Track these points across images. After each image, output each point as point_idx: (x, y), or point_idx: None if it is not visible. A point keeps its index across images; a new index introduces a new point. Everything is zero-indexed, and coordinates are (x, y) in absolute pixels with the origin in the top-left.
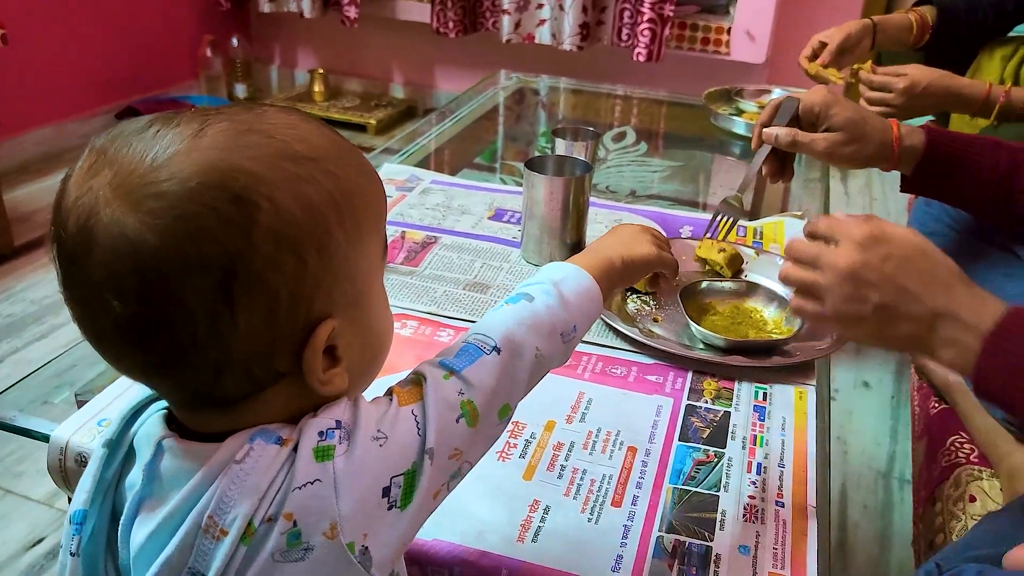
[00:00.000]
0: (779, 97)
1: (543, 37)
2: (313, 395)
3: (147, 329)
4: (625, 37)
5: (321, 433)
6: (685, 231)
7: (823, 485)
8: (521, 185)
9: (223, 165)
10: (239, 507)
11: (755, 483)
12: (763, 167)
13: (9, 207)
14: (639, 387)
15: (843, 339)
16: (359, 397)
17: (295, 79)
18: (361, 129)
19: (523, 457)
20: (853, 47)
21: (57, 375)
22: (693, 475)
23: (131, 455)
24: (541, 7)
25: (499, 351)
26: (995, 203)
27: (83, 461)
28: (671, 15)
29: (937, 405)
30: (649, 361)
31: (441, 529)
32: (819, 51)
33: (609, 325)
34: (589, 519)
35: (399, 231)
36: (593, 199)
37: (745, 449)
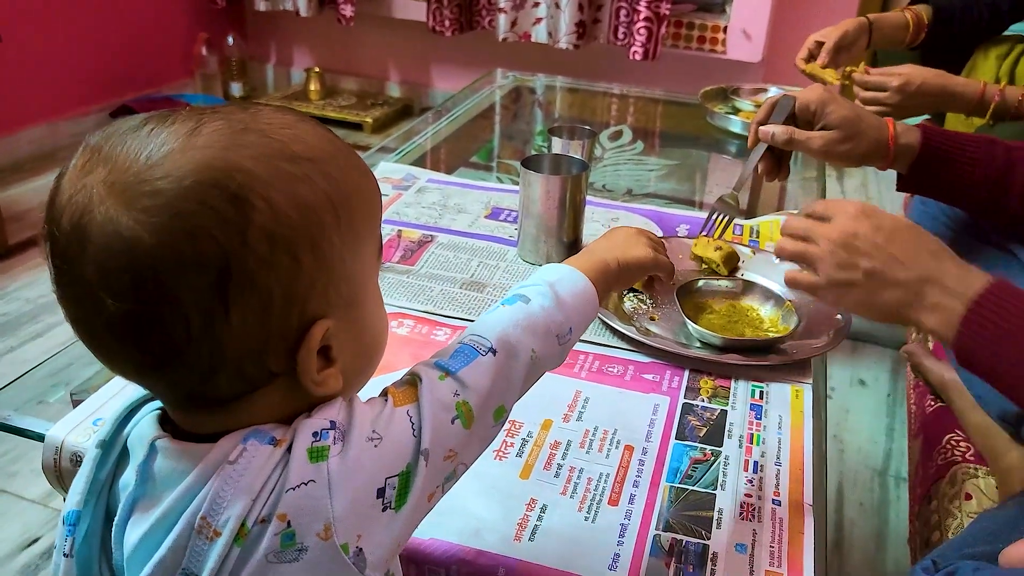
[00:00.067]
0: (775, 95)
1: (539, 36)
2: (307, 396)
3: (141, 328)
4: (621, 36)
5: (315, 433)
6: (682, 229)
7: (819, 483)
8: (517, 184)
9: (219, 164)
10: (232, 508)
11: (752, 481)
12: (759, 165)
13: (3, 206)
14: (636, 386)
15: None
16: (354, 398)
17: (291, 78)
18: (357, 128)
19: (520, 456)
20: (850, 46)
21: (52, 374)
22: (690, 474)
23: (125, 456)
24: (537, 5)
25: (495, 352)
26: (991, 201)
27: (78, 461)
28: (667, 14)
29: (933, 403)
30: (646, 360)
31: (438, 528)
32: (815, 51)
33: (606, 324)
34: (586, 518)
35: (395, 230)
36: (589, 198)
37: (742, 447)
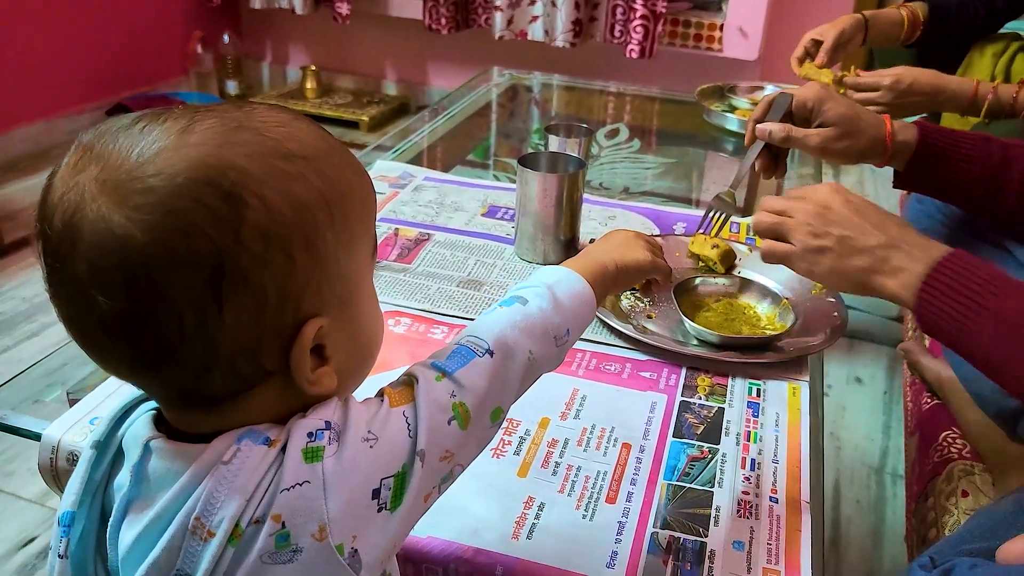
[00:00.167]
0: (772, 93)
1: (536, 34)
2: (302, 395)
3: (133, 326)
4: (618, 34)
5: (310, 434)
6: (678, 227)
7: (816, 481)
8: (514, 182)
9: (212, 161)
10: (226, 508)
11: (749, 479)
12: (756, 163)
13: None
14: (633, 384)
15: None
16: (349, 398)
17: (287, 76)
18: (353, 126)
19: (517, 454)
20: (847, 43)
21: (48, 373)
22: (687, 471)
23: (120, 456)
24: (534, 3)
25: (492, 353)
26: (987, 198)
27: (74, 460)
28: (664, 12)
29: (929, 401)
30: (643, 357)
31: (435, 526)
32: (811, 50)
33: (603, 322)
34: (584, 516)
35: (392, 228)
36: (586, 196)
37: (739, 445)
